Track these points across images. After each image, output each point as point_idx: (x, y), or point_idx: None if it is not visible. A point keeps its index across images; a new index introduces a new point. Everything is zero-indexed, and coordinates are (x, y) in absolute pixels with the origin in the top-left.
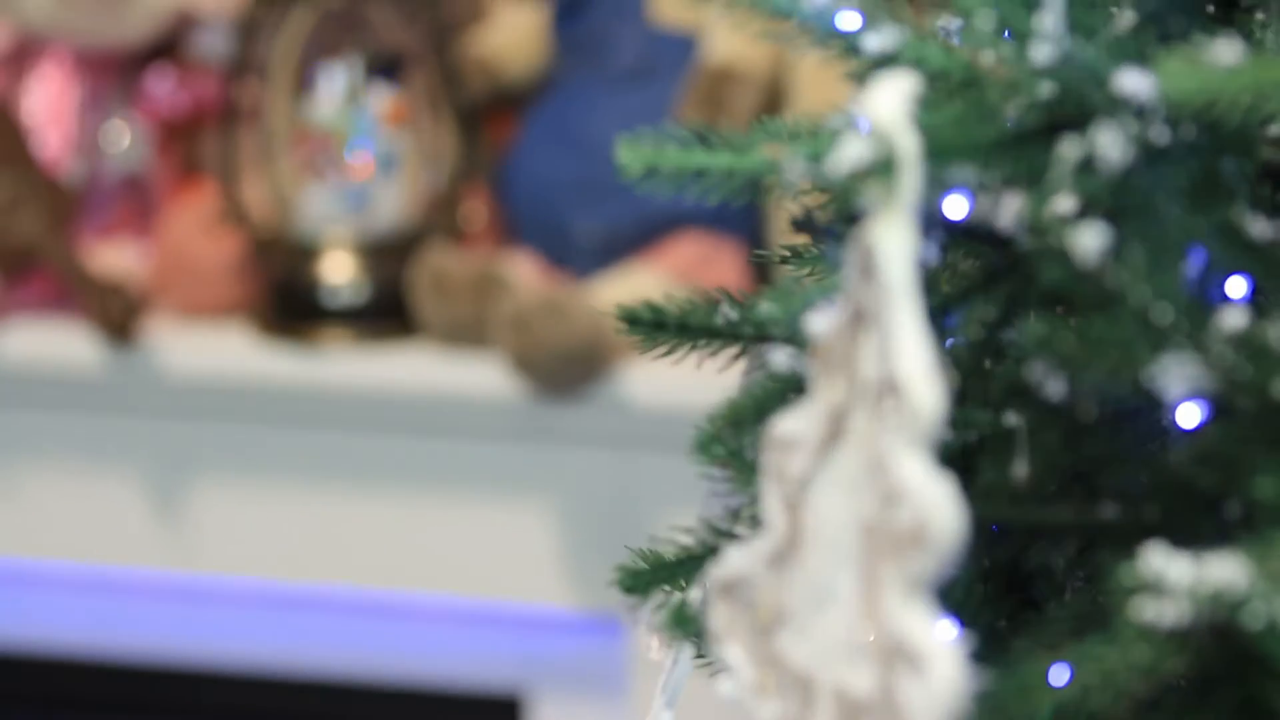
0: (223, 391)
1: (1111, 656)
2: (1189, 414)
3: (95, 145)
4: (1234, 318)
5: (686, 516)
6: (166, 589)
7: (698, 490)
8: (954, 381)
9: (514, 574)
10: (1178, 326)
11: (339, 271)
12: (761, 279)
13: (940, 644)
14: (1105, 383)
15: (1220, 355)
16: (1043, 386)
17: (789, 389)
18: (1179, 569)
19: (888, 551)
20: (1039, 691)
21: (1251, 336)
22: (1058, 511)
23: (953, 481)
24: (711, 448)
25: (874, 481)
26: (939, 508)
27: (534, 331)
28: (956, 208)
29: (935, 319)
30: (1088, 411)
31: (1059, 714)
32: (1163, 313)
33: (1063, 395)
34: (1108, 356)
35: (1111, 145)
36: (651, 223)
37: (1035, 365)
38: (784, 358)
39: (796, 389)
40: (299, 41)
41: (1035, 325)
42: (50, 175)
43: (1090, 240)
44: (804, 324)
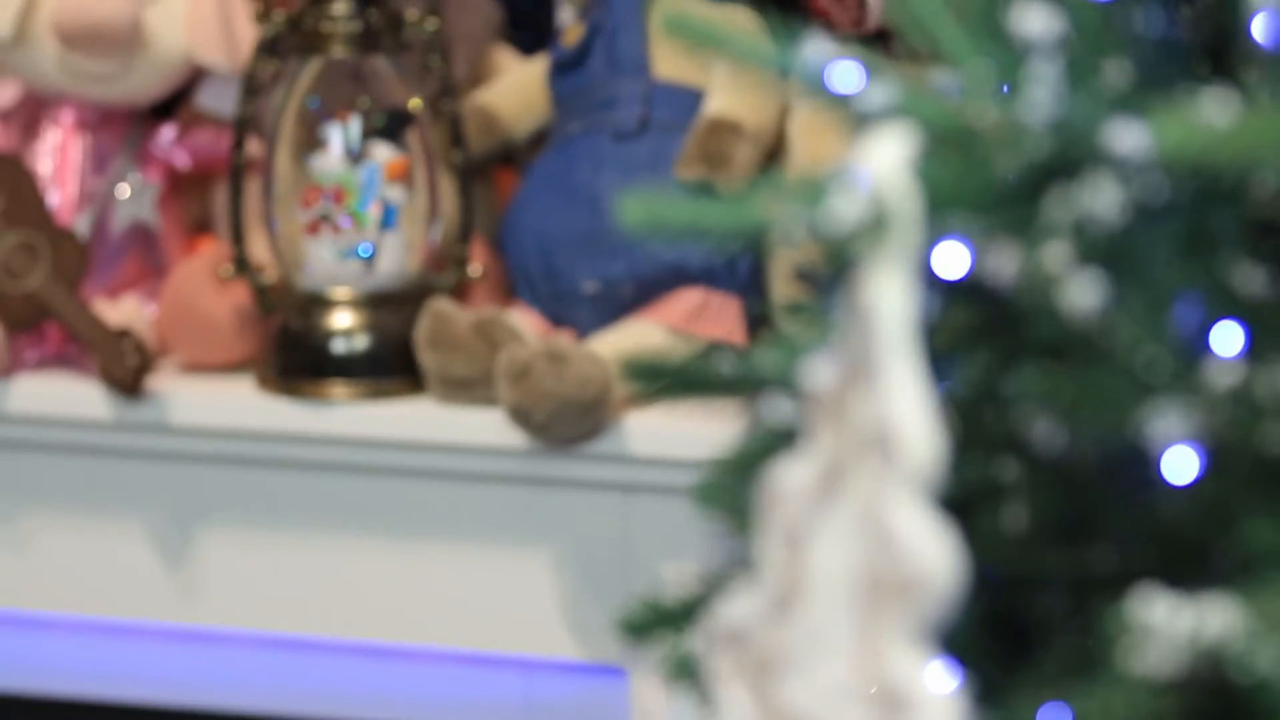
0: (230, 441)
1: (1110, 700)
2: (1181, 463)
3: (102, 200)
4: (1224, 369)
5: (688, 564)
6: (172, 634)
7: (699, 538)
8: (952, 431)
9: (521, 626)
10: (1169, 378)
11: (345, 325)
12: (760, 331)
13: (937, 691)
14: (1099, 433)
15: (1211, 405)
16: (1038, 436)
17: (787, 439)
18: (1173, 614)
19: (885, 600)
20: None
21: (1241, 387)
22: (1053, 559)
23: (950, 530)
24: (713, 496)
25: (870, 531)
26: (934, 557)
27: (535, 379)
28: (953, 261)
29: (931, 370)
30: (1082, 461)
31: None
32: (1154, 365)
33: (1058, 445)
34: (1101, 407)
35: (1105, 200)
36: (652, 277)
37: (1030, 416)
38: (782, 408)
39: (794, 439)
40: (304, 96)
41: (1030, 376)
42: (61, 228)
43: (1083, 295)
44: (801, 375)
